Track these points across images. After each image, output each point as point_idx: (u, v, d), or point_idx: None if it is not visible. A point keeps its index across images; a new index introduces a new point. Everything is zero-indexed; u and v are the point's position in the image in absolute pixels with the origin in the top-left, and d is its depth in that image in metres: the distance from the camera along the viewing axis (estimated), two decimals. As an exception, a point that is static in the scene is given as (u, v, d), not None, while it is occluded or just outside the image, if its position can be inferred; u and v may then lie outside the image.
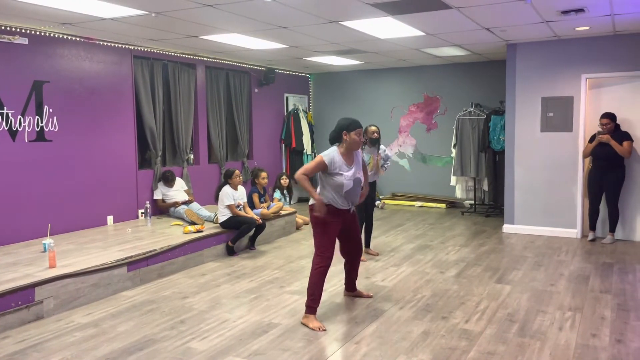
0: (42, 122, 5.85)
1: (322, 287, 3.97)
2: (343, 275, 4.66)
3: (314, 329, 3.80)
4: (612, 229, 6.52)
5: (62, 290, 4.33)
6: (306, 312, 3.95)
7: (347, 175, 3.93)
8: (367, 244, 6.00)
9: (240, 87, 8.83)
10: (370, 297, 4.52)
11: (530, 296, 4.55)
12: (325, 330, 3.79)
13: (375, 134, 5.59)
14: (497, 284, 4.90)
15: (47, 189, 5.93)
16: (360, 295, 4.54)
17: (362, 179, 4.14)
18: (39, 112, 5.82)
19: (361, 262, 5.61)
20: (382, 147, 5.87)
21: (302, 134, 9.85)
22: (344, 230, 4.14)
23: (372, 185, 5.95)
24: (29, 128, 5.73)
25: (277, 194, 7.42)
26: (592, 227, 6.67)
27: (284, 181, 7.37)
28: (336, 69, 9.96)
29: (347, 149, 3.97)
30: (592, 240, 6.62)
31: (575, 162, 6.82)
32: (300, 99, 10.46)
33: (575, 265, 5.55)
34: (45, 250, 5.06)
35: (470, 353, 3.42)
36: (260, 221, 6.28)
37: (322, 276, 3.95)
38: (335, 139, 4.02)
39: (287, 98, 10.09)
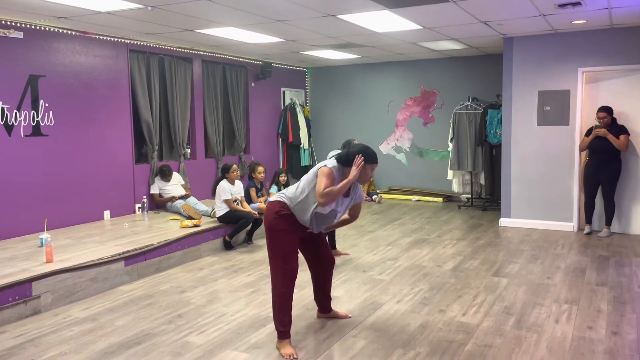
0: (38, 117, 5.82)
1: (291, 308, 3.43)
2: (340, 268, 4.65)
3: (284, 356, 3.29)
4: (609, 222, 6.54)
5: (59, 285, 4.33)
6: (279, 338, 3.41)
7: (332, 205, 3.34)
8: (333, 246, 5.67)
9: (237, 81, 8.80)
10: (349, 317, 3.93)
11: (527, 289, 4.57)
12: (296, 358, 3.28)
13: None
14: (494, 277, 4.92)
15: (43, 183, 5.91)
16: (337, 316, 3.93)
17: (340, 215, 3.50)
18: (35, 106, 5.79)
19: (345, 256, 5.64)
20: None
21: (299, 129, 9.84)
22: (306, 240, 3.59)
23: None
24: (24, 123, 5.70)
25: (273, 189, 7.41)
26: (588, 220, 6.69)
27: (283, 178, 7.36)
28: (333, 63, 9.94)
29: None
30: (589, 233, 6.64)
31: (571, 156, 6.84)
32: (297, 93, 10.43)
33: (572, 258, 5.57)
34: (42, 245, 5.05)
35: (467, 346, 3.43)
36: (258, 215, 6.29)
37: (286, 297, 3.38)
38: (344, 162, 3.35)
39: (284, 92, 10.06)
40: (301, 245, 3.62)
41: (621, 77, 6.57)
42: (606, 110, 6.33)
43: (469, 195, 8.96)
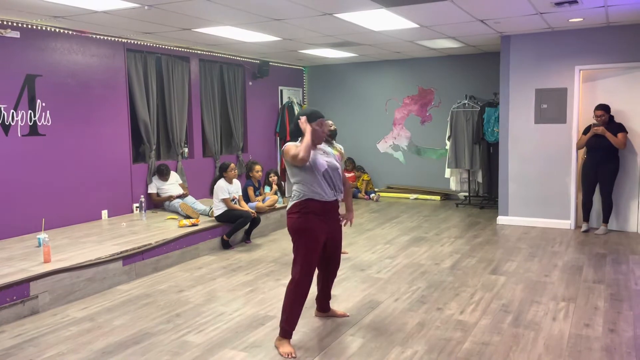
0: (35, 117, 5.81)
1: (301, 311, 3.44)
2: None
3: (283, 355, 3.29)
4: (606, 220, 6.56)
5: (57, 285, 4.32)
6: (280, 335, 3.41)
7: (319, 157, 3.39)
8: None
9: (234, 80, 8.80)
10: (347, 316, 3.94)
11: (525, 287, 4.58)
12: (295, 357, 3.28)
13: (333, 126, 4.67)
14: (492, 275, 4.93)
15: (40, 183, 5.90)
16: (335, 315, 3.94)
17: (339, 166, 3.53)
18: (32, 106, 5.78)
19: (343, 254, 5.60)
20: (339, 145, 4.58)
21: (296, 127, 9.82)
22: (328, 240, 3.54)
23: None
24: (21, 122, 5.69)
25: (266, 189, 7.41)
26: (586, 218, 6.71)
27: (273, 178, 7.35)
28: (330, 62, 9.94)
29: None
30: (586, 231, 6.66)
31: (569, 154, 6.85)
32: (295, 91, 10.43)
33: (569, 256, 5.58)
34: (39, 245, 5.05)
35: (465, 344, 3.44)
36: (256, 214, 6.29)
37: (303, 299, 3.41)
38: (295, 134, 3.47)
39: (281, 91, 10.06)
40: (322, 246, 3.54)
41: (618, 75, 6.59)
42: (603, 108, 6.35)
43: (467, 194, 8.97)
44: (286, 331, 3.39)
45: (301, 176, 3.38)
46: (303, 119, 3.40)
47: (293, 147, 3.34)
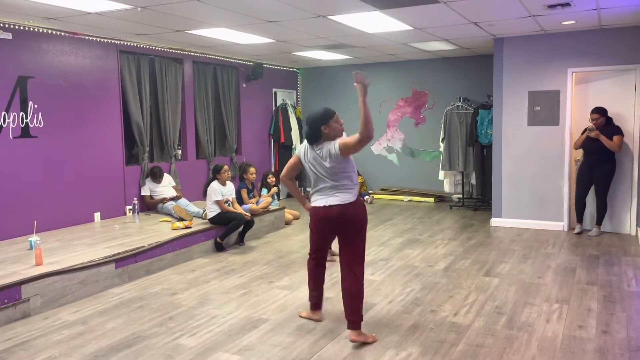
0: (27, 118, 5.78)
1: None
2: (332, 269, 4.64)
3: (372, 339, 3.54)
4: (599, 222, 6.58)
5: (49, 288, 4.29)
6: (360, 328, 3.55)
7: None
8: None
9: (228, 82, 8.78)
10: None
11: (518, 288, 4.59)
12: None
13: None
14: (485, 277, 4.94)
15: (32, 185, 5.86)
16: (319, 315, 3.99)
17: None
18: (24, 108, 5.74)
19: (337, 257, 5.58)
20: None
21: (290, 129, 9.82)
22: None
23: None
24: (13, 124, 5.65)
25: (263, 192, 7.40)
26: (579, 219, 6.73)
27: (271, 180, 7.34)
28: (324, 64, 9.94)
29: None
30: (580, 233, 6.68)
31: (561, 156, 6.88)
32: (289, 93, 10.42)
33: (562, 257, 5.60)
34: (31, 248, 5.01)
35: (459, 346, 3.44)
36: (249, 217, 6.27)
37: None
38: (314, 138, 3.55)
39: (275, 93, 10.05)
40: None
41: (610, 77, 6.62)
42: (599, 111, 6.37)
43: (460, 195, 8.99)
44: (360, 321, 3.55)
45: (351, 168, 3.56)
46: (360, 75, 3.38)
47: (349, 137, 3.45)
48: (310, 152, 3.59)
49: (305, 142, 3.66)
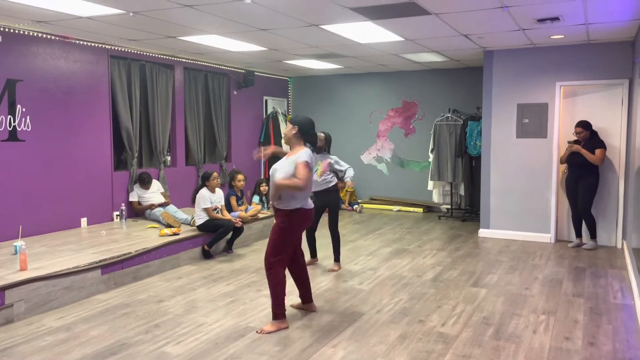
0: (14, 122, 5.72)
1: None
2: (320, 278, 4.63)
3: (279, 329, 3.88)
4: (593, 235, 6.55)
5: (33, 294, 4.23)
6: (278, 319, 3.92)
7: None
8: (337, 259, 5.63)
9: (219, 89, 8.77)
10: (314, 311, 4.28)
11: (505, 300, 4.60)
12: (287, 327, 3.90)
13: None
14: (473, 288, 4.95)
15: (18, 190, 5.79)
16: (309, 308, 4.31)
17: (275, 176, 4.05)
18: (12, 111, 5.69)
19: (334, 271, 5.57)
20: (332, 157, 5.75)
21: (281, 137, 9.82)
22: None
23: (333, 193, 5.59)
24: (0, 128, 5.59)
25: (256, 199, 7.38)
26: (578, 233, 6.69)
27: (264, 188, 7.33)
28: (316, 73, 9.97)
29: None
30: (577, 246, 6.65)
31: (549, 168, 6.94)
32: (280, 102, 10.43)
33: (549, 269, 5.63)
34: (16, 253, 4.94)
35: (446, 356, 3.44)
36: (239, 224, 6.24)
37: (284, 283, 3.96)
38: (314, 142, 4.19)
39: (266, 101, 10.05)
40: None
41: (598, 91, 6.71)
42: (582, 125, 6.43)
43: (449, 206, 9.02)
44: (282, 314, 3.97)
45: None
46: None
47: (301, 170, 3.87)
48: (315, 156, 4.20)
49: (308, 150, 4.01)
